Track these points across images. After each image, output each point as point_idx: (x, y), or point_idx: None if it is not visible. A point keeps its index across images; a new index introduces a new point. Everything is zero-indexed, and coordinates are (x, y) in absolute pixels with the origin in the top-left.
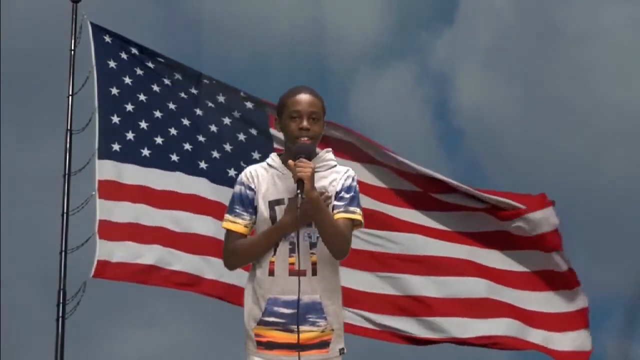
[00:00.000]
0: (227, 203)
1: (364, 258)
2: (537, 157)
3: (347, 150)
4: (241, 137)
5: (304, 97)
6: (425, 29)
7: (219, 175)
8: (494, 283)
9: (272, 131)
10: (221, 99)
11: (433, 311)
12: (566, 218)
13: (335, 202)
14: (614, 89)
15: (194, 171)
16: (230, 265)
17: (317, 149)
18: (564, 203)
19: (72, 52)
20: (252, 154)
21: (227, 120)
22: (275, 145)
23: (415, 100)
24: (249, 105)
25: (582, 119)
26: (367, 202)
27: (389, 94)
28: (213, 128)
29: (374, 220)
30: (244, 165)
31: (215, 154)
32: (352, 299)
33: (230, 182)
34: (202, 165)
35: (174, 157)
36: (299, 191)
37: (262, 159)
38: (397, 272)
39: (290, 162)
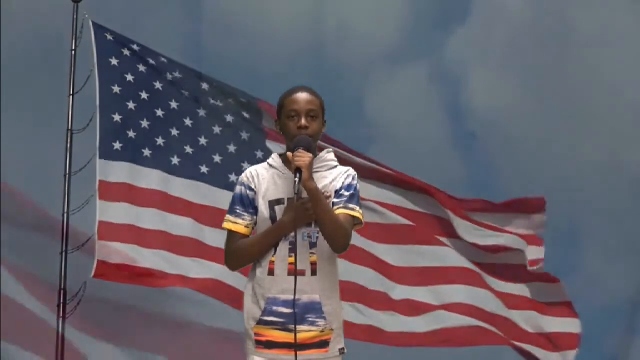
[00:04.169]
0: (225, 207)
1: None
2: (552, 159)
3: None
4: (244, 135)
5: (300, 96)
6: (438, 29)
7: (220, 179)
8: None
9: (268, 143)
10: (218, 104)
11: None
12: (581, 220)
13: (334, 199)
14: (632, 89)
15: (195, 175)
16: (232, 266)
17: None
18: (578, 204)
19: (73, 51)
20: (255, 152)
21: (229, 118)
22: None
23: (429, 101)
24: (245, 114)
25: (598, 120)
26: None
27: (403, 95)
28: (216, 129)
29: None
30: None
31: (217, 158)
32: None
33: (231, 186)
34: (203, 169)
35: (175, 160)
36: (296, 179)
37: (264, 158)
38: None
39: (289, 153)
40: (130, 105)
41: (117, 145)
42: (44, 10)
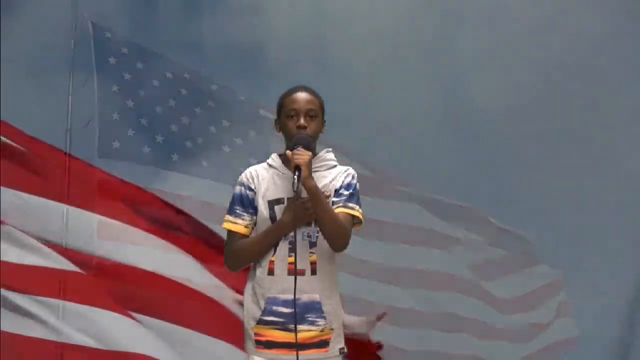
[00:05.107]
0: (224, 204)
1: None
2: (552, 159)
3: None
4: (238, 141)
5: (300, 96)
6: (440, 29)
7: (218, 177)
8: None
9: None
10: (217, 103)
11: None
12: (581, 220)
13: (334, 199)
14: (632, 89)
15: (193, 170)
16: (232, 266)
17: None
18: (579, 204)
19: (72, 51)
20: (250, 159)
21: (225, 123)
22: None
23: (429, 102)
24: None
25: (599, 119)
26: None
27: (403, 95)
28: (212, 129)
29: None
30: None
31: (214, 157)
32: None
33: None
34: (204, 163)
35: (175, 156)
36: (295, 177)
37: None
38: None
39: (288, 152)
40: (130, 103)
41: (116, 144)
42: (43, 10)
